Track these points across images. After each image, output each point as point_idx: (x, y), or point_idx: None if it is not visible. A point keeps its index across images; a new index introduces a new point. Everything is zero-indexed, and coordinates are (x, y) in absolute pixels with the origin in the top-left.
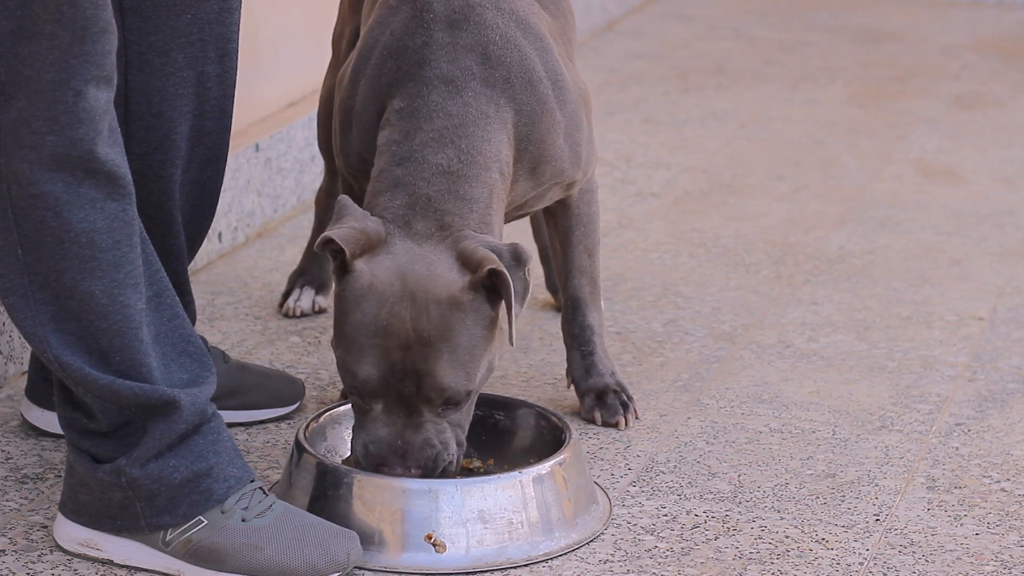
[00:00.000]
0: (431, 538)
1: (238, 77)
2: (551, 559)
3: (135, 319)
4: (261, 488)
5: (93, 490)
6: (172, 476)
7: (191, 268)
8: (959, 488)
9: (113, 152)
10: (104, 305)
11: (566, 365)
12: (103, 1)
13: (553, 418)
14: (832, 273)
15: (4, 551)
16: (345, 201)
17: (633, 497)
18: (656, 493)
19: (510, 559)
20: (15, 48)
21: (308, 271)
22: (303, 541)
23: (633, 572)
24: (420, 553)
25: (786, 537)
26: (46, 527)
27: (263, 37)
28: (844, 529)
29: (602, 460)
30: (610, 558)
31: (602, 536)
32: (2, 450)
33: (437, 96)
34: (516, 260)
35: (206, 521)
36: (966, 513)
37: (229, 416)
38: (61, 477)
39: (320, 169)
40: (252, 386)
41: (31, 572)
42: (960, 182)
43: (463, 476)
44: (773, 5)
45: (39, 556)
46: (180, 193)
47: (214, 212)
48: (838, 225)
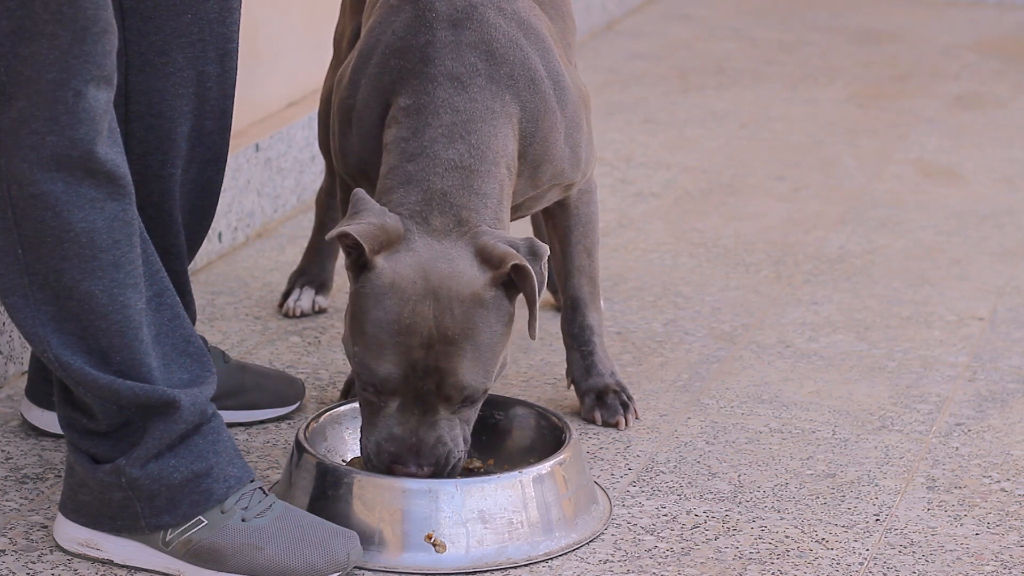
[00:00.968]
0: (431, 538)
1: (238, 77)
2: (551, 559)
3: (135, 319)
4: (261, 488)
5: (93, 490)
6: (172, 476)
7: (191, 268)
8: (959, 488)
9: (113, 152)
10: (104, 305)
11: (566, 365)
12: (103, 1)
13: (553, 418)
14: (832, 273)
15: (4, 551)
16: (361, 195)
17: (633, 497)
18: (656, 493)
19: (510, 559)
20: (15, 48)
21: (308, 271)
22: (303, 541)
23: (633, 572)
24: (420, 553)
25: (786, 537)
26: (46, 527)
27: (263, 37)
28: (844, 529)
29: (602, 460)
30: (610, 558)
31: (602, 536)
32: (2, 450)
33: (443, 92)
34: (533, 254)
35: (206, 521)
36: (966, 513)
37: (229, 416)
38: (61, 477)
39: (320, 169)
40: (252, 386)
41: (31, 572)
42: (960, 182)
43: (463, 476)
44: (773, 5)
45: (39, 556)
46: (180, 193)
47: (214, 212)
48: (838, 225)
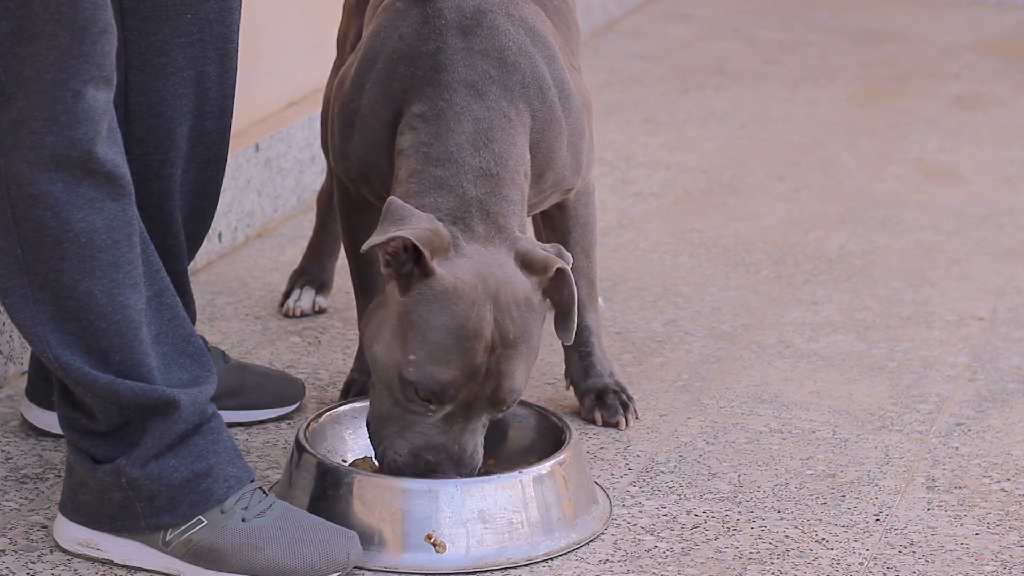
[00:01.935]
0: (431, 538)
1: (238, 77)
2: (551, 559)
3: (135, 319)
4: (261, 488)
5: (93, 490)
6: (172, 476)
7: (191, 268)
8: (959, 488)
9: (112, 152)
10: (103, 305)
11: (565, 366)
12: (103, 1)
13: (553, 418)
14: (832, 273)
15: (4, 551)
16: (399, 202)
17: (633, 497)
18: (656, 493)
19: (510, 559)
20: (15, 48)
21: (308, 271)
22: (303, 541)
23: (633, 572)
24: (420, 553)
25: (786, 537)
26: (46, 527)
27: (263, 37)
28: (844, 529)
29: (602, 460)
30: (610, 558)
31: (602, 536)
32: (2, 450)
33: (461, 100)
34: (563, 260)
35: (206, 521)
36: (966, 513)
37: (229, 416)
38: (61, 477)
39: (320, 169)
40: (252, 386)
41: (31, 572)
42: (960, 182)
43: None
44: (773, 5)
45: (39, 556)
46: (180, 193)
47: (214, 212)
48: (838, 225)
